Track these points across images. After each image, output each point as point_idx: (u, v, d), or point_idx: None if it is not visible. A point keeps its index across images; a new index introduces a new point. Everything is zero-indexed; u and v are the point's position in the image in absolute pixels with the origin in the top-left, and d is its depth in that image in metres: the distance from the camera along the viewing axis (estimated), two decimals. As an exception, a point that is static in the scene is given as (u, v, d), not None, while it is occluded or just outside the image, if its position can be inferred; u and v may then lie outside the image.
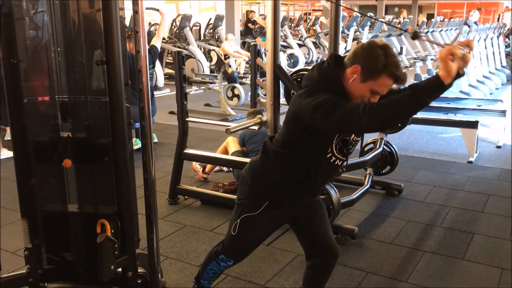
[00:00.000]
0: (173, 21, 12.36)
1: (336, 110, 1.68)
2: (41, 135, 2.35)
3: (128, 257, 2.34)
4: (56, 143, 2.29)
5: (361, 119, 1.62)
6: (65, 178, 2.39)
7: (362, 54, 1.79)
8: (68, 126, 2.32)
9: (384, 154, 4.14)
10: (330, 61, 1.86)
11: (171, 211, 3.76)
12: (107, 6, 2.02)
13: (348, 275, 2.82)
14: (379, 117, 1.61)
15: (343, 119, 1.67)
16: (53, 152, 2.30)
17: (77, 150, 2.29)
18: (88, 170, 2.39)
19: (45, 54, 2.33)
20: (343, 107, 1.68)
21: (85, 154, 2.31)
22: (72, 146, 2.28)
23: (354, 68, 1.79)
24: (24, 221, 2.41)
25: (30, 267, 2.45)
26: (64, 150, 2.28)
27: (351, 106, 1.68)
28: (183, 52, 3.97)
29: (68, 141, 2.28)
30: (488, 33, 9.58)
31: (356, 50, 1.82)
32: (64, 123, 2.32)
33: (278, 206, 2.04)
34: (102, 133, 2.25)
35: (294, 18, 16.38)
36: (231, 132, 3.23)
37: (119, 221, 2.29)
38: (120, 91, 2.15)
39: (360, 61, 1.78)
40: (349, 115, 1.65)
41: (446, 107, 6.20)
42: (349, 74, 1.81)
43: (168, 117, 7.18)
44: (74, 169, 2.36)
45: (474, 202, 3.95)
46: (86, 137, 2.31)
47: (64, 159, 2.26)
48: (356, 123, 1.64)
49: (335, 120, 1.69)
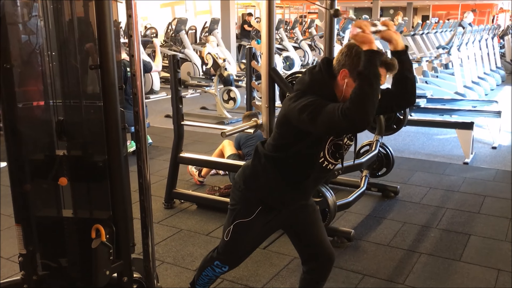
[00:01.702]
0: (168, 25, 12.37)
1: (320, 112, 1.70)
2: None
3: (123, 262, 2.33)
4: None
5: (340, 120, 1.64)
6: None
7: (343, 57, 1.80)
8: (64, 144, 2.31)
9: (380, 156, 4.14)
10: (322, 65, 1.87)
11: (167, 215, 3.74)
12: (100, 10, 2.01)
13: (344, 277, 2.82)
14: (352, 111, 1.62)
15: (327, 121, 1.68)
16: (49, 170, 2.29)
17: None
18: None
19: (39, 58, 2.33)
20: (325, 108, 1.69)
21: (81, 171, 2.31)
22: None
23: (342, 74, 1.80)
24: (19, 227, 2.40)
25: (24, 273, 2.43)
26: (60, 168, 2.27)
27: (332, 106, 1.69)
28: (179, 55, 3.97)
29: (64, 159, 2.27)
30: (483, 35, 9.61)
31: (337, 57, 1.84)
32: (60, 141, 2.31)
33: (270, 211, 2.03)
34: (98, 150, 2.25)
35: (289, 21, 16.42)
36: (226, 135, 3.22)
37: (114, 226, 2.28)
38: (114, 95, 2.14)
39: (345, 64, 1.79)
40: (331, 116, 1.67)
41: (441, 109, 6.23)
42: (340, 81, 1.82)
43: (164, 120, 7.17)
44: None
45: (470, 203, 3.95)
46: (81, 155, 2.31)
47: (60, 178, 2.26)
48: (338, 124, 1.66)
49: (320, 122, 1.70)
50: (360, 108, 1.61)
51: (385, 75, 1.80)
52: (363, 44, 1.69)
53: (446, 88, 8.09)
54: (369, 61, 1.66)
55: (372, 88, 1.63)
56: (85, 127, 2.35)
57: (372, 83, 1.63)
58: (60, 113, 2.33)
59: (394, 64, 1.80)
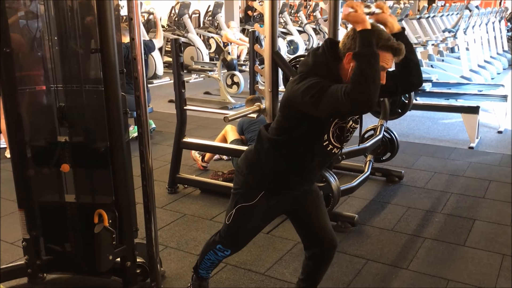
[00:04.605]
0: (172, 9, 12.26)
1: (324, 93, 1.67)
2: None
3: (127, 247, 2.34)
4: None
5: (343, 102, 1.61)
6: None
7: (349, 40, 1.77)
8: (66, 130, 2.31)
9: (384, 140, 4.11)
10: (325, 46, 1.83)
11: (171, 200, 3.74)
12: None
13: (348, 262, 2.81)
14: (354, 93, 1.59)
15: (331, 101, 1.66)
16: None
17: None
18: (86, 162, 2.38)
19: (40, 43, 2.31)
20: (329, 90, 1.67)
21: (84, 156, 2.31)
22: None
23: (348, 57, 1.76)
24: (22, 212, 2.40)
25: (28, 258, 2.45)
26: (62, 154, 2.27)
27: (335, 88, 1.66)
28: (181, 39, 3.93)
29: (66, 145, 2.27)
30: (490, 18, 9.49)
31: (343, 39, 1.80)
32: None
33: (273, 195, 2.02)
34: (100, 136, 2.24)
35: (294, 4, 16.22)
36: (229, 120, 3.20)
37: (117, 211, 2.28)
38: (115, 79, 2.13)
39: (351, 48, 1.75)
40: (335, 98, 1.64)
41: (447, 93, 6.17)
42: (346, 64, 1.78)
43: (167, 105, 7.15)
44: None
45: (475, 188, 3.93)
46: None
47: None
48: (342, 106, 1.63)
49: (324, 104, 1.67)
50: (362, 89, 1.59)
51: (392, 59, 1.77)
52: (356, 24, 1.68)
53: (452, 72, 8.01)
54: (365, 41, 1.63)
55: (372, 68, 1.60)
56: (87, 112, 2.33)
57: (371, 63, 1.60)
58: (62, 98, 2.32)
59: (401, 49, 1.75)
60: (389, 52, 1.74)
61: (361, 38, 1.65)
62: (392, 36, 1.76)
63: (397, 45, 1.74)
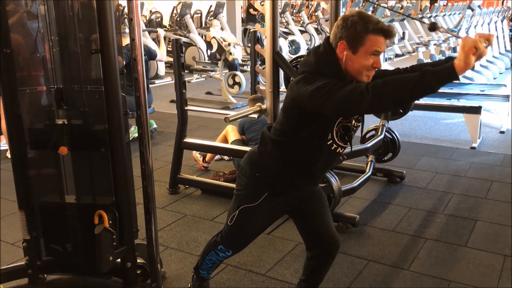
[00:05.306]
0: (173, 9, 12.26)
1: (335, 92, 1.64)
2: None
3: (127, 247, 2.34)
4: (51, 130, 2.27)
5: (363, 98, 1.57)
6: (62, 169, 2.38)
7: (339, 29, 1.76)
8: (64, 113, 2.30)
9: (385, 140, 4.10)
10: (326, 44, 1.82)
11: (172, 200, 3.74)
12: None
13: (349, 263, 2.81)
14: (384, 95, 1.56)
15: (344, 99, 1.63)
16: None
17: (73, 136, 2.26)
18: (85, 160, 2.38)
19: (41, 44, 2.30)
20: (342, 89, 1.64)
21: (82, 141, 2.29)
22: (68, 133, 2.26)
23: (340, 46, 1.76)
24: (22, 212, 2.40)
25: (29, 259, 2.45)
26: (60, 138, 2.26)
27: (351, 86, 1.64)
28: (182, 39, 3.92)
29: (64, 128, 2.25)
30: (492, 17, 9.46)
31: (333, 30, 1.79)
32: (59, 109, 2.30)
33: (277, 196, 2.01)
34: (98, 120, 2.23)
35: (296, 4, 16.21)
36: (230, 120, 3.20)
37: (117, 211, 2.28)
38: (115, 79, 2.12)
39: (342, 36, 1.75)
40: (350, 95, 1.61)
41: (449, 93, 6.14)
42: (339, 54, 1.77)
43: (169, 106, 7.15)
44: (71, 160, 2.34)
45: (477, 188, 3.91)
46: (81, 123, 2.28)
47: (60, 147, 2.25)
48: (358, 102, 1.60)
49: (335, 102, 1.64)
50: (395, 93, 1.56)
51: (384, 42, 1.75)
52: (464, 63, 1.49)
53: (454, 71, 7.97)
54: (446, 80, 1.52)
55: (418, 94, 1.56)
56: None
57: (423, 92, 1.54)
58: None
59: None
60: (380, 35, 1.72)
61: (446, 73, 1.52)
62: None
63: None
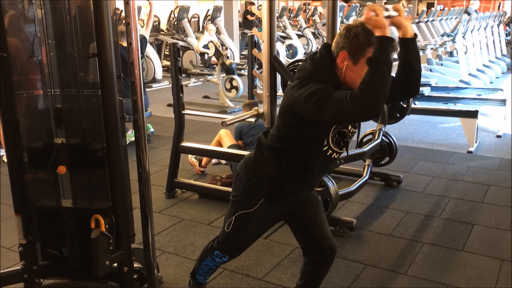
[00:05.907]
0: (171, 13, 12.27)
1: (327, 100, 1.65)
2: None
3: (123, 252, 2.32)
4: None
5: (349, 107, 1.59)
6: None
7: (342, 39, 1.76)
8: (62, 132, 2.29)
9: (382, 145, 4.10)
10: (322, 51, 1.83)
11: (168, 204, 3.73)
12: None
13: (346, 267, 2.80)
14: (362, 100, 1.57)
15: (335, 108, 1.64)
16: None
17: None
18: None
19: (38, 48, 2.30)
20: (333, 97, 1.65)
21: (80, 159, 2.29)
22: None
23: (341, 56, 1.76)
24: (18, 217, 2.39)
25: (25, 263, 2.43)
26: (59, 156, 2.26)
27: (339, 94, 1.65)
28: (179, 43, 3.92)
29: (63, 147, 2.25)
30: (488, 22, 9.50)
31: (336, 39, 1.79)
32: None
33: (273, 202, 2.00)
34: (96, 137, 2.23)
35: (293, 8, 16.27)
36: (227, 124, 3.19)
37: (114, 216, 2.27)
38: (112, 83, 2.12)
39: (344, 46, 1.75)
40: (340, 104, 1.62)
41: (446, 97, 6.17)
42: (340, 63, 1.78)
43: (166, 109, 7.14)
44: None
45: (473, 192, 3.92)
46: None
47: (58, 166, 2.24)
48: (346, 111, 1.61)
49: (328, 110, 1.65)
50: (371, 96, 1.56)
51: None
52: (376, 29, 1.62)
53: (451, 76, 8.01)
54: (381, 48, 1.59)
55: (384, 76, 1.58)
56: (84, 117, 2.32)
57: (384, 72, 1.58)
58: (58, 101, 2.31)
59: (395, 45, 1.74)
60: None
61: (378, 44, 1.60)
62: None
63: None
